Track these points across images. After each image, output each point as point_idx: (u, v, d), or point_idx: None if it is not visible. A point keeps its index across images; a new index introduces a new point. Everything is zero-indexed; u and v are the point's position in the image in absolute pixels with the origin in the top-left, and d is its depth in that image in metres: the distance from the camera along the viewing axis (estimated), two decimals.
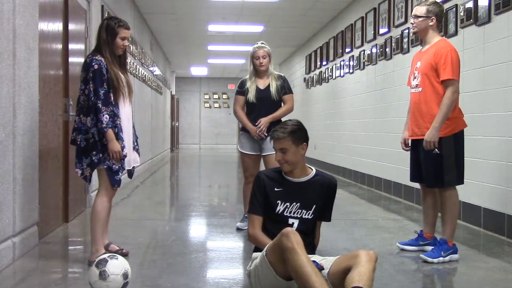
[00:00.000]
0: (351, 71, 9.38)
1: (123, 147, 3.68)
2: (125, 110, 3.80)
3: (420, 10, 4.04)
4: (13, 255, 3.73)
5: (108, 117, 3.60)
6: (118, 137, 3.65)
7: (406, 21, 6.83)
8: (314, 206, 3.23)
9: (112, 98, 3.66)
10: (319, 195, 3.25)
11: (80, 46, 5.84)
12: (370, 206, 6.64)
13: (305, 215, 3.22)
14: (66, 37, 5.15)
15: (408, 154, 4.29)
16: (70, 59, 5.29)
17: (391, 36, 7.36)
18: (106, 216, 3.78)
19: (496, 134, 4.80)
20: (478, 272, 3.73)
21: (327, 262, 2.87)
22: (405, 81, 6.91)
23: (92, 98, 3.59)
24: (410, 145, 4.22)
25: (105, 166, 3.65)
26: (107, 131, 3.58)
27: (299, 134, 3.21)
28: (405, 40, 6.84)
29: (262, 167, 4.95)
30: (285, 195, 3.22)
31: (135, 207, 6.58)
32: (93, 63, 3.65)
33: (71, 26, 5.31)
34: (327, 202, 3.30)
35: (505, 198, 4.64)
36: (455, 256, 3.90)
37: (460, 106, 3.99)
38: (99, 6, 6.62)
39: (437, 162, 3.87)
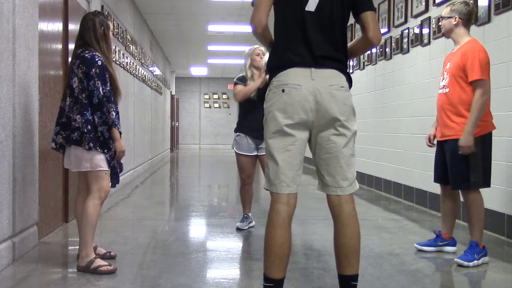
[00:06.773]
0: (351, 71, 9.38)
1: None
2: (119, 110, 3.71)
3: (445, 10, 4.00)
4: (12, 255, 3.72)
5: (115, 114, 3.50)
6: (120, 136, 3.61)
7: (406, 21, 6.83)
8: None
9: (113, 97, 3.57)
10: None
11: None
12: (370, 206, 6.63)
13: None
14: (66, 37, 5.15)
15: (407, 155, 4.29)
16: (70, 59, 5.28)
17: (391, 36, 7.36)
18: (97, 220, 3.57)
19: (496, 134, 4.78)
20: (477, 272, 3.73)
21: None
22: (404, 81, 6.98)
23: (100, 95, 3.44)
24: (436, 145, 4.14)
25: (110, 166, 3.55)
26: (115, 129, 3.49)
27: None
28: (405, 40, 6.84)
29: (260, 168, 4.98)
30: None
31: (135, 207, 6.57)
32: (97, 59, 3.47)
33: (71, 26, 5.30)
34: None
35: (505, 198, 4.64)
36: (486, 259, 3.84)
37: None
38: (99, 6, 6.61)
39: (463, 163, 3.81)
